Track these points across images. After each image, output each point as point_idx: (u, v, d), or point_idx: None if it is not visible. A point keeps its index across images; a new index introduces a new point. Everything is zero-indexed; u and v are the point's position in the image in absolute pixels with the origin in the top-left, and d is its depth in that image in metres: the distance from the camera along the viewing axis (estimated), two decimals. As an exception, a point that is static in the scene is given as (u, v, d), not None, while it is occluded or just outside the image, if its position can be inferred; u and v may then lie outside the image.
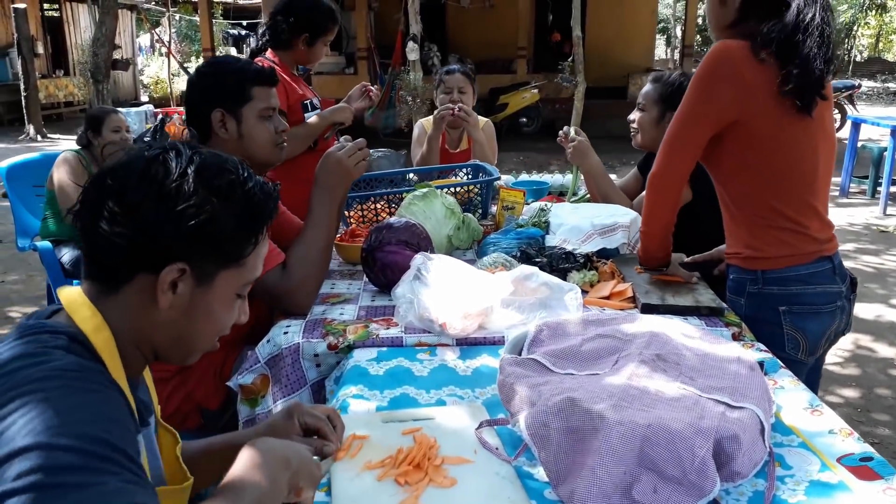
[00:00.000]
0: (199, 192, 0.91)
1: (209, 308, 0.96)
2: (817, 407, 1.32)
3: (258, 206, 0.97)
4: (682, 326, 1.41)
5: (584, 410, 1.08)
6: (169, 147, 0.95)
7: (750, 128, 1.64)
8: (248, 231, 0.97)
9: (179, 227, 0.89)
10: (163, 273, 0.90)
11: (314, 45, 2.70)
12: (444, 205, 2.15)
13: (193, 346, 1.01)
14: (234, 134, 1.75)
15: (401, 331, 1.62)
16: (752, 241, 1.71)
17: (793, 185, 1.68)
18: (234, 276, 0.97)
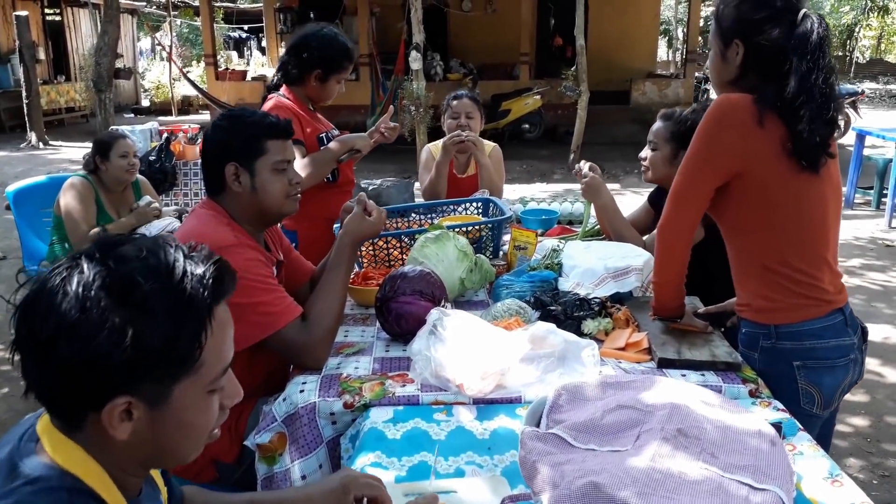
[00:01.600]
0: (112, 315, 0.79)
1: (178, 421, 0.87)
2: (837, 477, 1.32)
3: (193, 304, 0.84)
4: (702, 393, 1.40)
5: (607, 497, 1.08)
6: (70, 264, 0.83)
7: (756, 179, 1.64)
8: (189, 337, 0.84)
9: (102, 361, 0.79)
10: (104, 413, 0.82)
11: (327, 82, 2.70)
12: (457, 247, 2.14)
13: (180, 455, 0.93)
14: (248, 187, 1.75)
15: (417, 388, 1.62)
16: (764, 293, 1.71)
17: (802, 238, 1.68)
18: (194, 382, 0.87)
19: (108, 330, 0.78)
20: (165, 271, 0.84)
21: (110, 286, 0.80)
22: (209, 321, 0.86)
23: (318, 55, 2.64)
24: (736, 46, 1.66)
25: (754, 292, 1.74)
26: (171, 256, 0.85)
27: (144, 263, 0.83)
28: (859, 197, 7.61)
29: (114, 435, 0.83)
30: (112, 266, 0.82)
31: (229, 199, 1.78)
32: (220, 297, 0.89)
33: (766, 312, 1.72)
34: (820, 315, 1.69)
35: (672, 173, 2.42)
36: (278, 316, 1.68)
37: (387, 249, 2.37)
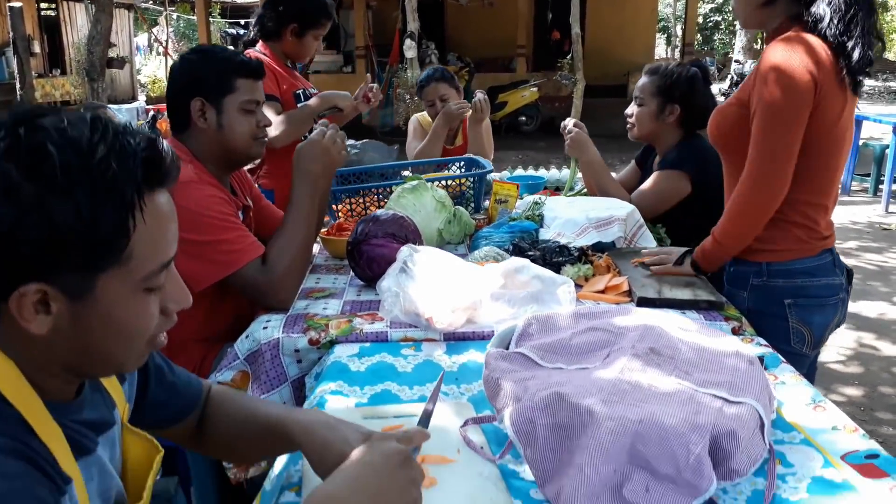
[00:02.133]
0: (20, 189, 0.69)
1: (106, 318, 0.76)
2: (820, 403, 1.26)
3: (117, 185, 0.72)
4: (679, 319, 1.34)
5: (572, 405, 1.02)
6: None
7: (810, 122, 1.54)
8: (111, 222, 0.73)
9: (7, 242, 0.69)
10: (11, 299, 0.71)
11: (303, 38, 2.62)
12: (435, 198, 2.08)
13: (112, 359, 0.81)
14: (214, 125, 1.68)
15: (386, 325, 1.55)
16: (760, 234, 1.64)
17: (823, 183, 1.62)
18: (123, 275, 0.76)
19: (12, 205, 0.68)
20: (87, 145, 0.72)
21: (18, 157, 0.70)
22: (138, 205, 0.74)
23: (295, 9, 2.57)
24: None
25: None
26: (98, 130, 0.74)
27: (62, 134, 0.72)
28: (856, 184, 7.55)
29: (27, 328, 0.73)
30: (22, 135, 0.71)
31: (194, 137, 1.71)
32: (155, 182, 0.78)
33: (759, 252, 1.66)
34: (812, 254, 1.64)
35: (657, 128, 2.37)
36: (239, 254, 1.61)
37: (364, 205, 2.31)
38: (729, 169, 1.73)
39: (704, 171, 2.27)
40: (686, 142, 2.36)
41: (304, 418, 1.02)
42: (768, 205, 1.58)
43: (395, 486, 0.84)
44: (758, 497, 1.01)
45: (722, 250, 1.70)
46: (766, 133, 1.54)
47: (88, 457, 0.83)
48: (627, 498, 0.95)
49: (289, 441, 1.01)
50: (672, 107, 2.31)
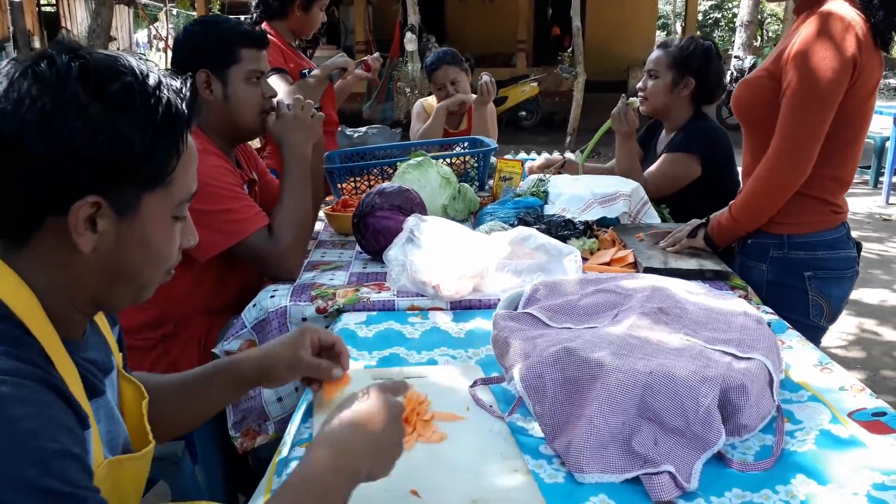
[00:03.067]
0: (90, 107, 0.74)
1: (143, 238, 0.82)
2: (827, 364, 1.26)
3: (168, 108, 0.79)
4: (686, 283, 1.35)
5: (581, 359, 1.02)
6: (40, 56, 0.76)
7: (847, 96, 1.53)
8: (166, 143, 0.79)
9: (76, 156, 0.73)
10: (71, 212, 0.75)
11: (310, 11, 2.63)
12: (440, 174, 2.09)
13: (138, 283, 0.85)
14: (220, 96, 1.68)
15: (393, 294, 1.56)
16: (783, 208, 1.64)
17: (847, 155, 1.62)
18: (163, 198, 0.82)
19: (84, 122, 0.73)
20: (144, 73, 0.78)
21: (87, 77, 0.74)
22: (185, 135, 0.82)
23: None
24: None
25: None
26: (146, 65, 0.80)
27: (123, 62, 0.78)
28: (857, 176, 7.54)
29: (78, 243, 0.76)
30: (88, 58, 0.76)
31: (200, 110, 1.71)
32: (192, 118, 0.83)
33: (780, 224, 1.66)
34: (832, 226, 1.65)
35: (671, 102, 2.35)
36: (245, 224, 1.62)
37: (369, 184, 2.31)
38: (751, 142, 1.72)
39: (713, 153, 2.27)
40: (694, 122, 2.36)
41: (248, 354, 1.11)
42: (791, 185, 1.58)
43: (392, 437, 0.87)
44: (766, 452, 1.01)
45: (738, 226, 1.69)
46: (797, 114, 1.52)
47: (99, 399, 0.85)
48: (636, 450, 0.95)
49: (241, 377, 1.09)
50: (687, 79, 2.30)
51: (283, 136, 1.72)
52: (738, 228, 1.70)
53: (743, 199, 1.66)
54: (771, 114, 1.58)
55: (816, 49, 1.48)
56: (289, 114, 1.73)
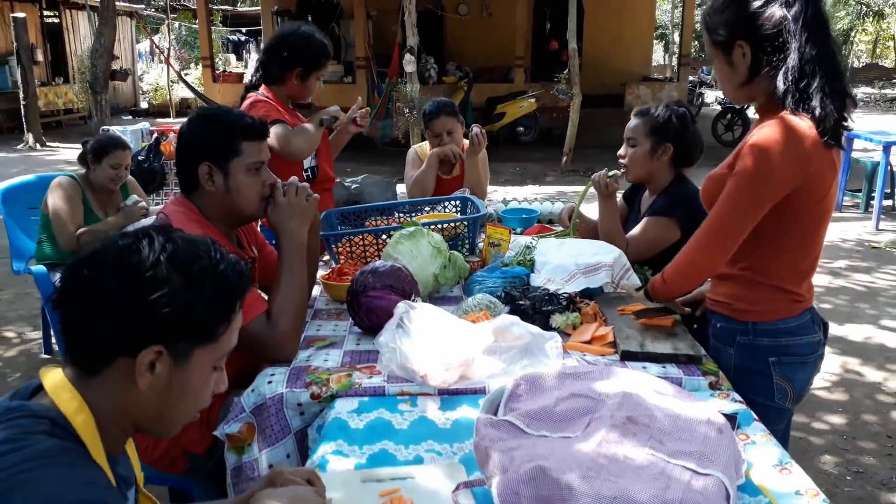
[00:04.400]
0: (172, 280, 0.96)
1: (186, 384, 1.02)
2: (786, 465, 1.35)
3: (230, 287, 1.03)
4: (656, 383, 1.44)
5: (553, 480, 1.11)
6: (142, 235, 1.00)
7: (794, 201, 1.61)
8: (222, 312, 1.03)
9: (155, 315, 0.95)
10: (140, 357, 0.96)
11: (307, 80, 2.74)
12: (431, 244, 2.18)
13: (174, 421, 1.07)
14: (221, 188, 1.77)
15: (383, 380, 1.65)
16: (746, 296, 1.74)
17: (808, 251, 1.70)
18: (210, 352, 1.03)
19: (168, 290, 0.95)
20: (217, 257, 1.03)
21: (176, 256, 0.98)
22: (238, 306, 1.07)
23: (299, 54, 2.68)
24: (740, 48, 1.63)
25: (737, 295, 1.76)
26: (218, 250, 1.05)
27: (203, 247, 1.03)
28: (848, 199, 7.66)
29: (138, 381, 0.96)
30: (179, 243, 1.00)
31: (202, 198, 1.80)
32: (246, 291, 1.09)
33: (745, 312, 1.74)
34: (794, 314, 1.73)
35: (652, 169, 2.45)
36: (245, 311, 1.70)
37: (363, 246, 2.40)
38: None
39: (692, 216, 2.36)
40: (675, 187, 2.46)
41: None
42: (717, 262, 1.73)
43: None
44: (723, 562, 1.10)
45: (667, 287, 1.86)
46: (733, 197, 1.64)
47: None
48: (602, 567, 1.04)
49: None
50: (665, 145, 2.41)
51: (279, 224, 1.80)
52: (668, 291, 1.86)
53: (673, 266, 1.82)
54: None
55: (759, 152, 1.57)
56: (283, 200, 1.80)
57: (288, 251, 1.80)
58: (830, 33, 1.61)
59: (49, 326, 3.88)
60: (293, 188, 1.82)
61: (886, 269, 5.55)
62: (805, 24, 1.56)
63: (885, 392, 3.53)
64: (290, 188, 1.81)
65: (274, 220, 1.81)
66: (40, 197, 3.63)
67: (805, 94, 1.57)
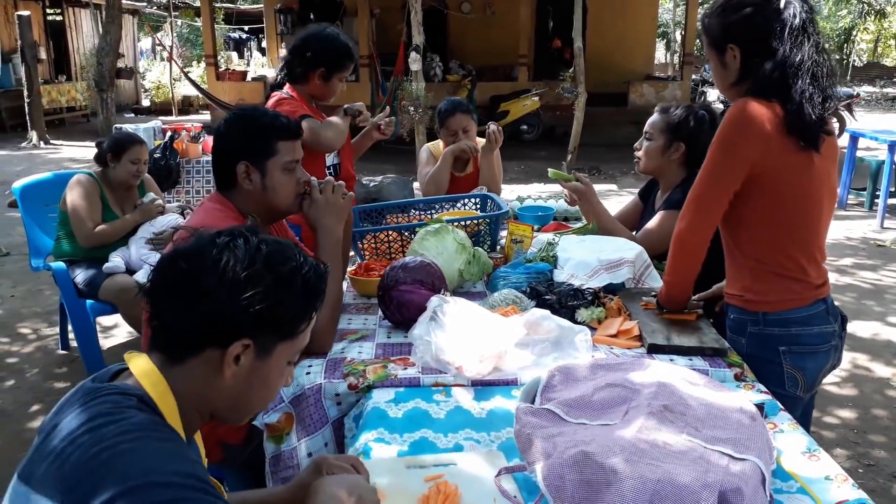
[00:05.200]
0: (265, 279, 1.02)
1: (265, 376, 1.09)
2: (815, 452, 1.40)
3: (314, 288, 1.10)
4: (687, 374, 1.48)
5: (597, 464, 1.16)
6: (237, 234, 1.06)
7: (768, 178, 1.69)
8: (305, 311, 1.10)
9: (248, 311, 1.01)
10: (230, 348, 1.02)
11: (330, 81, 2.79)
12: (456, 240, 2.22)
13: (249, 410, 1.14)
14: (259, 186, 1.82)
15: (418, 371, 1.69)
16: (754, 286, 1.79)
17: (800, 234, 1.76)
18: (289, 348, 1.10)
19: (260, 289, 1.01)
20: (302, 260, 1.10)
21: (269, 258, 1.04)
22: (318, 306, 1.13)
23: (322, 55, 2.73)
24: (731, 51, 1.73)
25: (747, 286, 1.82)
26: (302, 253, 1.11)
27: (291, 250, 1.09)
28: (852, 198, 7.71)
29: (224, 371, 1.02)
30: (271, 244, 1.07)
31: (239, 196, 1.85)
32: (323, 294, 1.14)
33: (756, 303, 1.80)
34: (805, 304, 1.78)
35: (664, 164, 2.51)
36: None
37: (388, 243, 2.45)
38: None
39: None
40: (689, 182, 2.50)
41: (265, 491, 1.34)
42: (694, 237, 1.80)
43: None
44: (760, 544, 1.15)
45: (671, 288, 1.91)
46: (697, 185, 1.77)
47: None
48: (646, 547, 1.08)
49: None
50: (678, 144, 2.46)
51: (316, 221, 1.86)
52: (674, 291, 1.91)
53: (668, 262, 1.88)
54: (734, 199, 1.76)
55: (719, 136, 1.72)
56: (320, 198, 1.86)
57: (324, 247, 1.85)
58: (819, 40, 1.69)
59: (66, 322, 3.92)
60: (330, 186, 1.87)
61: (892, 266, 5.60)
62: (791, 32, 1.65)
63: (893, 387, 3.58)
64: (328, 186, 1.87)
65: (312, 217, 1.86)
66: (57, 194, 3.67)
67: (785, 95, 1.65)
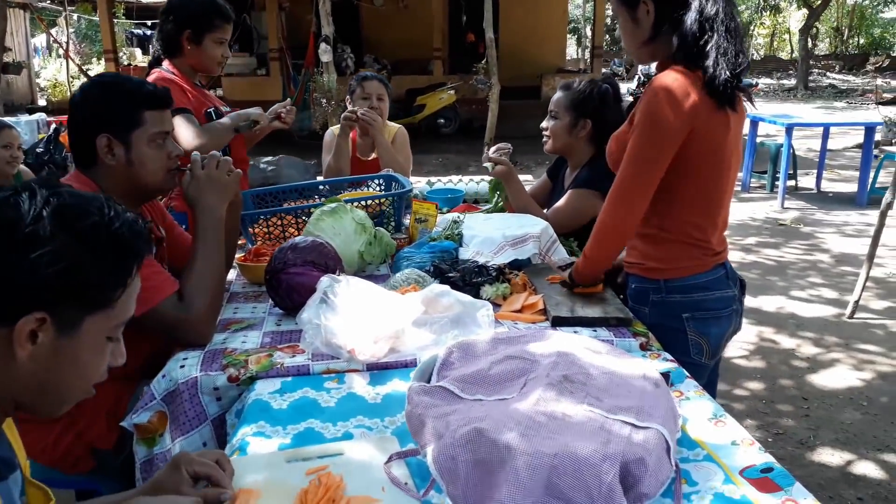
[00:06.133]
0: (57, 237, 0.85)
1: (75, 356, 0.91)
2: (721, 417, 1.35)
3: (126, 247, 0.92)
4: (589, 342, 1.41)
5: (490, 441, 1.06)
6: (22, 188, 0.88)
7: (691, 148, 1.63)
8: (116, 275, 0.92)
9: (35, 276, 0.84)
10: (18, 324, 0.84)
11: (201, 44, 2.54)
12: (355, 220, 2.09)
13: (61, 397, 0.95)
14: (123, 161, 1.63)
15: (307, 358, 1.55)
16: (656, 253, 1.74)
17: (709, 205, 1.72)
18: (103, 321, 0.92)
19: (51, 248, 0.84)
20: (111, 214, 0.91)
21: (62, 211, 0.86)
22: (134, 270, 0.94)
23: (184, 14, 2.50)
24: (644, 5, 1.65)
25: (649, 254, 1.78)
26: (112, 207, 0.93)
27: (93, 203, 0.91)
28: (755, 181, 8.02)
29: (17, 352, 0.85)
30: (66, 197, 0.88)
31: (101, 173, 1.65)
32: (144, 253, 0.97)
33: (656, 270, 1.76)
34: (706, 269, 1.75)
35: (571, 142, 2.45)
36: (153, 292, 1.56)
37: (282, 227, 2.29)
38: None
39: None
40: (596, 161, 2.46)
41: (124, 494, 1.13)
42: (623, 227, 1.72)
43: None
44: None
45: (590, 264, 1.80)
46: (629, 164, 1.66)
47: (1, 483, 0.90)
48: (546, 528, 0.99)
49: None
50: (584, 121, 2.41)
51: (195, 198, 1.67)
52: (592, 268, 1.81)
53: (591, 239, 1.79)
54: None
55: (647, 113, 1.61)
56: (202, 173, 1.67)
57: (204, 227, 1.67)
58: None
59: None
60: (214, 161, 1.69)
61: (793, 244, 5.82)
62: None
63: (798, 357, 3.68)
64: (211, 160, 1.69)
65: (191, 194, 1.67)
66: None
67: (701, 51, 1.60)
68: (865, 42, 29.89)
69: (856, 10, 28.82)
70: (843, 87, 20.92)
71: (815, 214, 6.81)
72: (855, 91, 20.05)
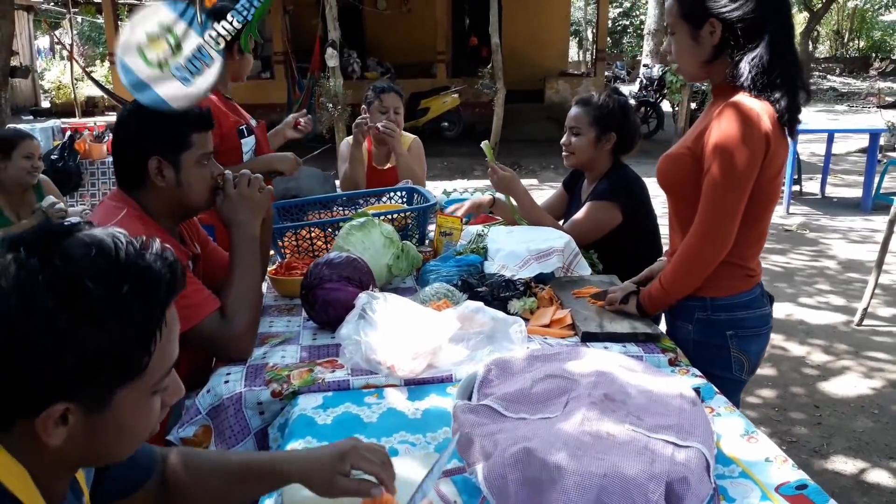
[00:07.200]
0: (56, 320, 0.71)
1: (118, 426, 0.81)
2: (752, 434, 1.39)
3: (145, 310, 0.77)
4: (624, 360, 1.45)
5: (540, 461, 1.10)
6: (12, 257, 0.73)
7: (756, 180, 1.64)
8: (140, 346, 0.78)
9: (44, 369, 0.72)
10: (38, 421, 0.75)
11: (244, 54, 2.61)
12: (383, 234, 2.13)
13: (115, 457, 0.87)
14: (172, 182, 1.67)
15: (347, 373, 1.59)
16: None
17: (758, 227, 1.74)
18: (138, 387, 0.81)
19: (51, 335, 0.71)
20: (116, 275, 0.76)
21: (55, 287, 0.72)
22: (161, 327, 0.80)
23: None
24: (711, 26, 1.62)
25: None
26: (123, 256, 0.77)
27: (94, 264, 0.75)
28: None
29: (47, 442, 0.77)
30: (58, 264, 0.73)
31: (149, 194, 1.69)
32: (172, 299, 0.83)
33: (703, 288, 1.77)
34: (748, 289, 1.78)
35: (597, 157, 2.49)
36: (196, 309, 1.61)
37: (310, 240, 2.33)
38: (676, 207, 1.84)
39: (632, 200, 2.44)
40: (614, 172, 2.51)
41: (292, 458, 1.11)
42: (713, 260, 1.70)
43: None
44: (706, 532, 1.12)
45: (668, 296, 1.79)
46: (717, 200, 1.64)
47: None
48: (595, 544, 1.03)
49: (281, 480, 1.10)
50: (609, 135, 2.45)
51: (230, 217, 1.72)
52: (669, 298, 1.80)
53: (672, 271, 1.77)
54: (694, 187, 1.71)
55: (731, 141, 1.59)
56: (234, 192, 1.72)
57: (240, 245, 1.72)
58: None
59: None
60: (245, 179, 1.74)
61: (799, 250, 5.86)
62: (782, 16, 1.61)
63: (809, 365, 3.73)
64: (242, 179, 1.74)
65: (226, 213, 1.72)
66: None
67: (772, 83, 1.60)
68: (866, 45, 29.97)
69: (856, 13, 28.90)
70: (843, 91, 20.96)
71: (820, 220, 6.85)
72: (855, 94, 20.11)
